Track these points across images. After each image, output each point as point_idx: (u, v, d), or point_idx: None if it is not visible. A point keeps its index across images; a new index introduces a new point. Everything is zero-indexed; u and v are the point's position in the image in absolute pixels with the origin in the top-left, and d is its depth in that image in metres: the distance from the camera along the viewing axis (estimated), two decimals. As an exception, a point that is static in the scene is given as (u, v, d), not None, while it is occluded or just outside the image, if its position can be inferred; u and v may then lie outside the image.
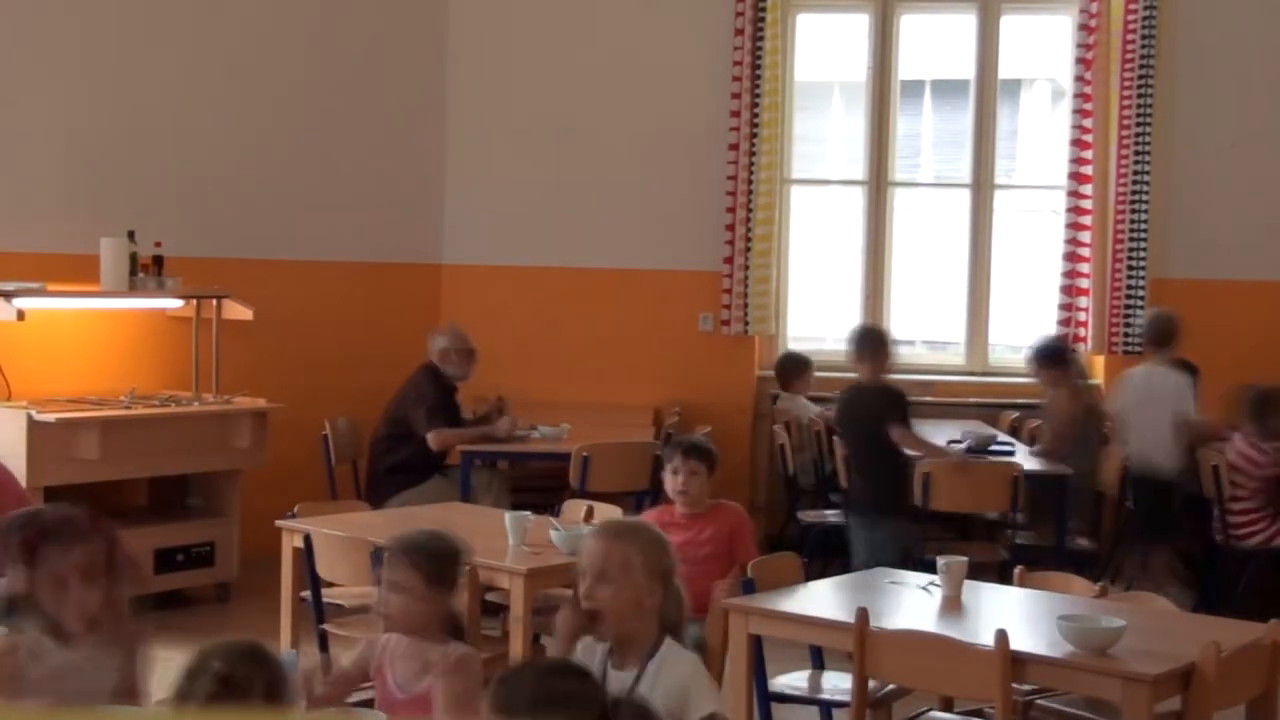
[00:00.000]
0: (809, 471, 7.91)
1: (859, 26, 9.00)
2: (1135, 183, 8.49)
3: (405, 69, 8.95)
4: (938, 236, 9.21)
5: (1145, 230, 8.49)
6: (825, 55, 9.27)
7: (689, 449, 5.28)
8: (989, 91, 8.97)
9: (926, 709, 4.56)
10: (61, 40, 7.40)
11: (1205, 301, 8.16)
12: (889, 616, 4.13)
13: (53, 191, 7.36)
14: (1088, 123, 8.57)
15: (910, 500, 6.51)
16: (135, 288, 7.22)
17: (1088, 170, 8.58)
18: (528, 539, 4.96)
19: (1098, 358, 8.70)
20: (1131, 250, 8.51)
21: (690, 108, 8.87)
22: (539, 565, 4.73)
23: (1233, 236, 8.56)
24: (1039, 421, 7.95)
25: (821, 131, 9.54)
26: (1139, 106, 8.46)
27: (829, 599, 4.52)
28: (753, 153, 8.68)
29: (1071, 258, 8.64)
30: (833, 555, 7.05)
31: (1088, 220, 8.58)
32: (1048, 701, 4.33)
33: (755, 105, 8.65)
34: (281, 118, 8.31)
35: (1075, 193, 8.61)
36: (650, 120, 8.93)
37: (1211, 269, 8.54)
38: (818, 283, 9.30)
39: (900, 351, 8.93)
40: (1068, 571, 5.04)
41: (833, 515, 7.55)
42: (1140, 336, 7.78)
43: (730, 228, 8.72)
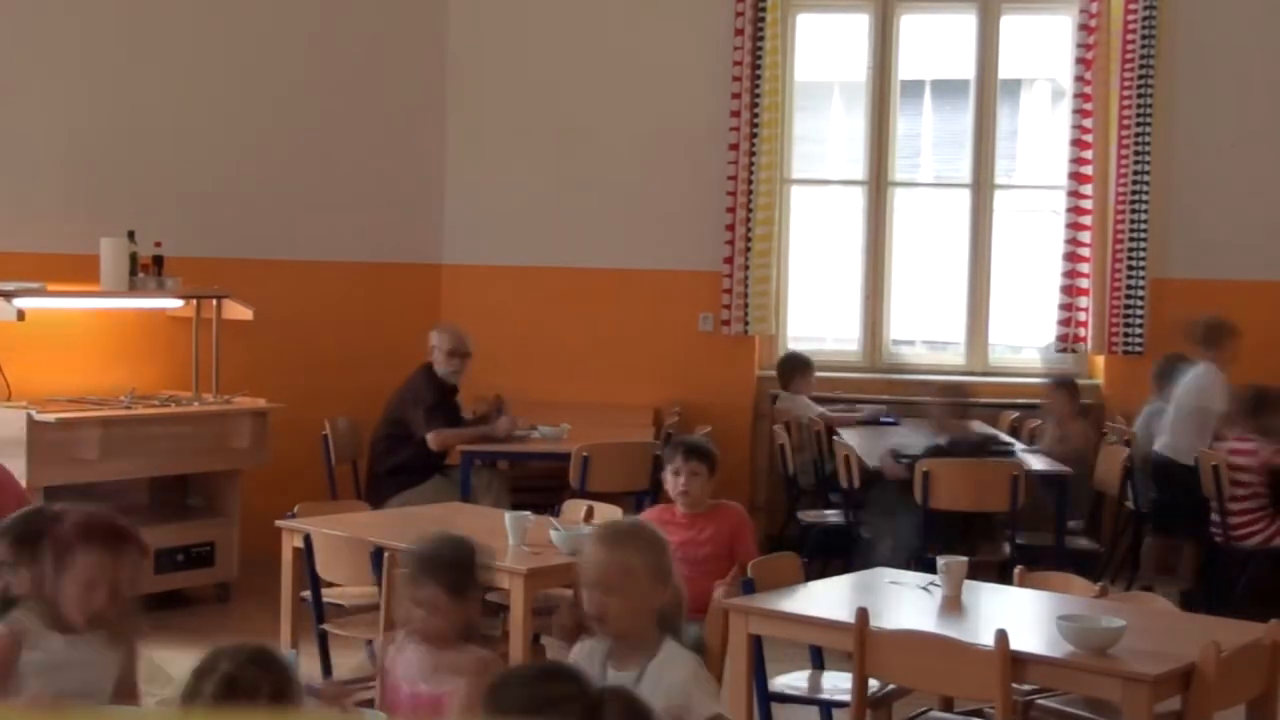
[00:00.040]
0: (809, 471, 7.91)
1: (859, 26, 9.00)
2: (1135, 183, 8.49)
3: (405, 69, 8.95)
4: (938, 236, 9.20)
5: (1145, 230, 8.49)
6: (825, 55, 9.26)
7: (690, 450, 5.28)
8: (989, 91, 8.96)
9: (926, 709, 4.56)
10: (61, 40, 7.40)
11: (1205, 301, 8.13)
12: (889, 616, 4.12)
13: (53, 191, 7.36)
14: (1088, 123, 8.56)
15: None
16: (135, 288, 7.22)
17: (1088, 170, 8.58)
18: (528, 539, 4.96)
19: (1098, 358, 8.70)
20: (1131, 250, 8.50)
21: (690, 108, 8.86)
22: (539, 565, 4.74)
23: (1233, 236, 8.55)
24: (1039, 421, 7.96)
25: (821, 131, 9.53)
26: (1139, 106, 8.46)
27: (829, 599, 4.51)
28: (753, 153, 8.67)
29: (1071, 258, 8.64)
30: (833, 555, 7.06)
31: (1088, 220, 8.57)
32: (1048, 701, 4.33)
33: (755, 105, 8.65)
34: (281, 118, 8.31)
35: (1075, 193, 8.60)
36: (650, 120, 8.92)
37: (1211, 269, 8.53)
38: (818, 283, 9.30)
39: (900, 351, 9.06)
40: (1068, 571, 5.04)
41: (833, 515, 7.56)
42: (1190, 338, 7.77)
43: (730, 228, 8.71)
